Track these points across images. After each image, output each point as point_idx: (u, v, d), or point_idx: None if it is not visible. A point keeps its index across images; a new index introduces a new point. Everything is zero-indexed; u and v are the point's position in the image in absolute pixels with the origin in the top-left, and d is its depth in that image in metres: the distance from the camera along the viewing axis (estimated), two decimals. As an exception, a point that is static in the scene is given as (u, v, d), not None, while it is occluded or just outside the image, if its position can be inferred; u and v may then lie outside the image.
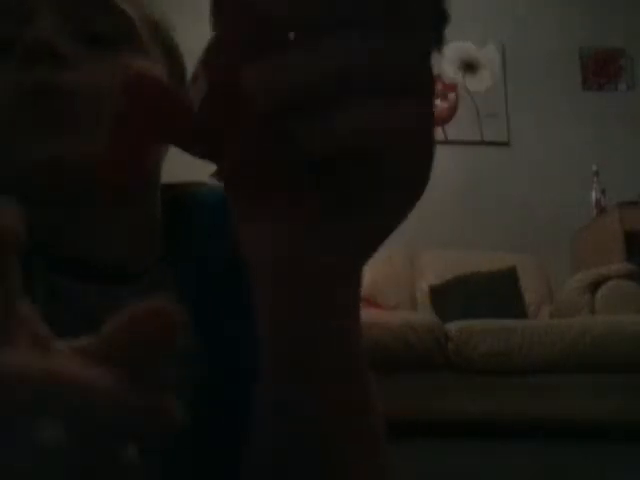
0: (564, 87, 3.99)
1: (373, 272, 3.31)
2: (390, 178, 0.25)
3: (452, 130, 3.89)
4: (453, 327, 2.57)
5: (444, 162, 3.84)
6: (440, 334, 2.53)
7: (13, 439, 0.17)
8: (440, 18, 0.22)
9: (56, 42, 0.37)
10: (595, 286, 2.90)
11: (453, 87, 3.95)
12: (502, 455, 2.13)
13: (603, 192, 3.60)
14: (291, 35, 0.21)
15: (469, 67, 3.98)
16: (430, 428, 2.32)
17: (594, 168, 3.63)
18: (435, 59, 0.23)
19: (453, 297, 3.16)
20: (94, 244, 0.40)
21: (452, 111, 3.92)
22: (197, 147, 0.24)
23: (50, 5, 0.38)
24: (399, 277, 3.36)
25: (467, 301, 3.09)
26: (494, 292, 3.15)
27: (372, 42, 0.21)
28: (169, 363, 0.18)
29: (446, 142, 3.88)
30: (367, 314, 2.72)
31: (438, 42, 0.23)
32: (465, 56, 3.98)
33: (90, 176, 0.30)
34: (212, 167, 0.26)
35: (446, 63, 3.97)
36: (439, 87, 3.94)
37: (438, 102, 3.92)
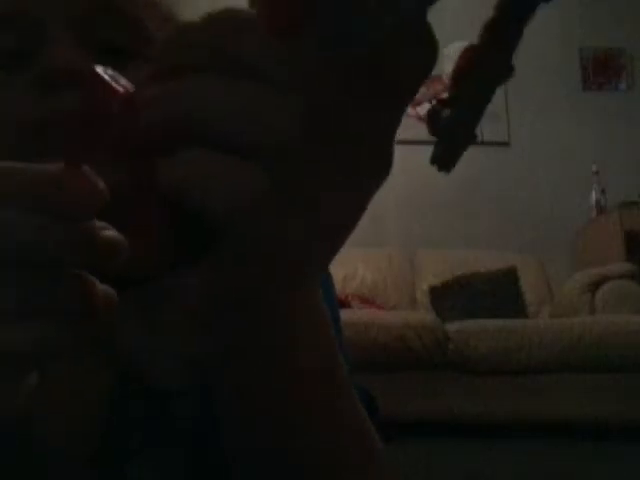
0: (564, 87, 3.99)
1: (373, 272, 3.32)
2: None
3: (452, 130, 3.88)
4: (453, 327, 2.57)
5: (444, 162, 3.84)
6: (440, 334, 2.53)
7: None
8: None
9: (77, 63, 0.36)
10: (595, 286, 2.89)
11: (453, 87, 3.95)
12: (502, 455, 2.12)
13: (603, 192, 3.60)
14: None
15: (469, 67, 3.97)
16: (430, 428, 2.32)
17: (594, 168, 3.63)
18: None
19: (453, 297, 3.16)
20: None
21: (452, 111, 3.92)
22: None
23: (64, 16, 0.38)
24: (399, 277, 3.36)
25: (467, 301, 3.09)
26: (494, 292, 3.15)
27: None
28: None
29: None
30: (367, 314, 2.73)
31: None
32: (465, 56, 3.97)
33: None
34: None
35: (446, 63, 3.96)
36: (440, 87, 3.94)
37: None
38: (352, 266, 3.25)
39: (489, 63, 0.24)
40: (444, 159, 0.25)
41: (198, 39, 0.21)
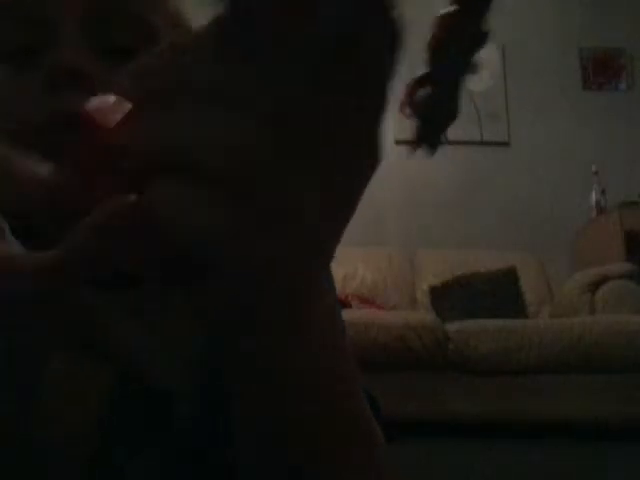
0: (564, 87, 3.99)
1: (373, 272, 3.32)
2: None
3: (452, 130, 3.86)
4: (453, 327, 2.57)
5: (444, 162, 3.84)
6: (440, 334, 2.53)
7: None
8: None
9: (81, 63, 0.36)
10: (595, 286, 2.90)
11: (453, 87, 3.95)
12: (502, 455, 2.13)
13: (603, 192, 3.61)
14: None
15: (469, 67, 3.98)
16: (430, 428, 2.32)
17: (594, 168, 3.63)
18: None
19: (453, 297, 3.16)
20: None
21: (452, 111, 3.92)
22: None
23: (65, 16, 0.37)
24: (399, 277, 3.36)
25: (467, 301, 3.09)
26: (494, 292, 3.15)
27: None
28: None
29: (446, 142, 3.87)
30: (367, 314, 2.73)
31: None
32: (465, 56, 3.98)
33: None
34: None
35: (446, 63, 3.97)
36: (439, 87, 3.94)
37: (438, 102, 3.92)
38: (352, 266, 3.26)
39: (462, 30, 0.24)
40: (429, 140, 0.24)
41: (146, 73, 0.21)
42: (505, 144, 3.91)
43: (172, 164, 0.20)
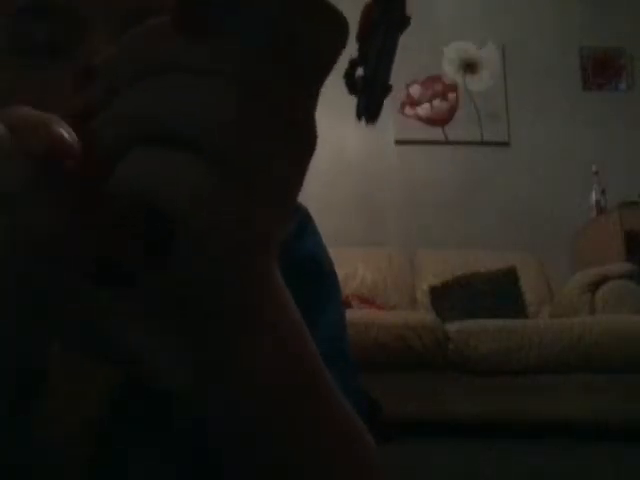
0: (564, 87, 3.99)
1: (373, 272, 3.32)
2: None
3: (452, 130, 3.89)
4: (453, 327, 2.57)
5: (444, 162, 3.84)
6: (440, 334, 2.53)
7: None
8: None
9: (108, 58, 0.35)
10: (595, 286, 2.90)
11: (453, 87, 3.95)
12: (502, 455, 2.13)
13: (603, 192, 3.61)
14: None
15: (469, 67, 3.98)
16: (430, 428, 2.32)
17: (594, 168, 3.63)
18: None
19: (453, 297, 3.16)
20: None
21: (452, 111, 3.92)
22: None
23: (103, 17, 0.37)
24: (399, 277, 3.36)
25: (467, 301, 3.09)
26: (494, 292, 3.15)
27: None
28: None
29: (446, 142, 3.88)
30: (367, 314, 2.73)
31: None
32: (465, 56, 3.98)
33: None
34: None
35: (446, 63, 3.97)
36: (440, 87, 3.94)
37: (438, 102, 3.92)
38: (352, 266, 3.26)
39: (386, 17, 0.27)
40: (367, 113, 0.28)
41: (121, 58, 0.22)
42: (505, 144, 3.91)
43: (152, 134, 0.21)
